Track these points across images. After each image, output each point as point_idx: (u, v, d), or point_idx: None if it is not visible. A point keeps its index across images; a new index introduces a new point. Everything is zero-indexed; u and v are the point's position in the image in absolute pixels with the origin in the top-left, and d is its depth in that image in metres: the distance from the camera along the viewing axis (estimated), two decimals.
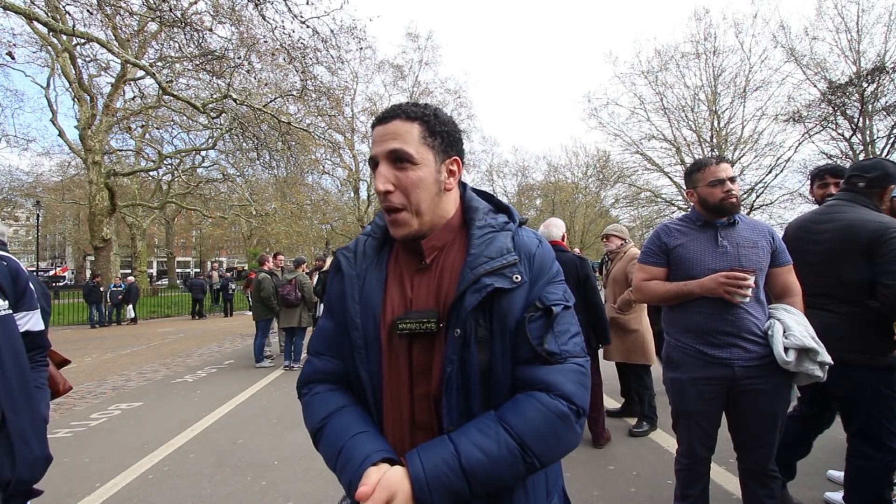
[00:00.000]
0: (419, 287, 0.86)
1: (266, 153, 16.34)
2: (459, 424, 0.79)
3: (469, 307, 0.78)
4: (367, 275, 0.89)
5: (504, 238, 0.85)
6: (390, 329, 0.84)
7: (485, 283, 0.79)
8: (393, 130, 0.84)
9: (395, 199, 0.83)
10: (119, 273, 18.53)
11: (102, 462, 3.60)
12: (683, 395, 2.00)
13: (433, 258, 0.87)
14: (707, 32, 21.83)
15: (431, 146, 0.85)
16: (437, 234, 0.88)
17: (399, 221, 0.84)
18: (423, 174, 0.84)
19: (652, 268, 2.09)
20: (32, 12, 10.16)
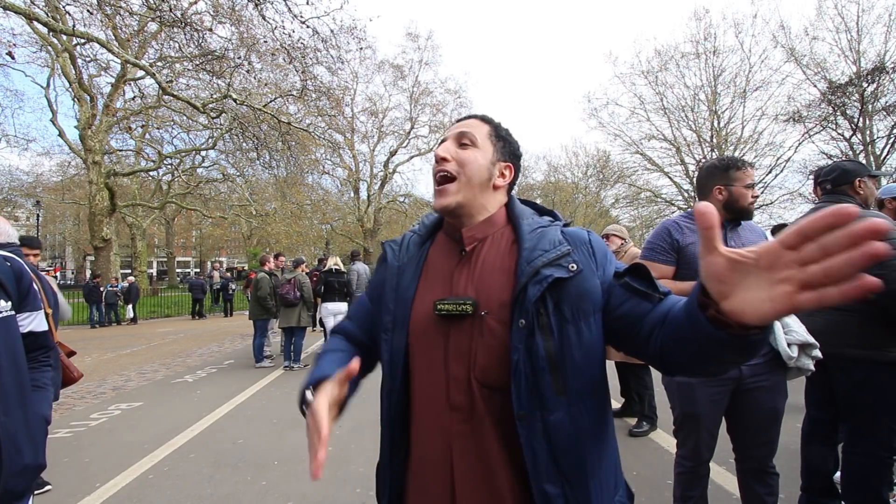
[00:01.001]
0: (459, 276, 0.91)
1: (266, 153, 16.34)
2: (529, 409, 0.80)
3: (533, 298, 0.81)
4: (406, 268, 0.97)
5: (554, 232, 0.89)
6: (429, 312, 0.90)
7: (545, 274, 0.83)
8: (468, 123, 0.97)
9: (449, 166, 0.92)
10: (119, 273, 18.54)
11: (102, 462, 3.59)
12: (692, 399, 1.96)
13: (472, 248, 0.94)
14: (707, 32, 21.85)
15: (494, 144, 0.97)
16: (478, 225, 0.94)
17: (446, 191, 0.91)
18: (480, 157, 0.93)
19: (660, 266, 2.02)
20: (32, 12, 10.16)
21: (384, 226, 30.73)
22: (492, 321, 0.85)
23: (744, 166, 1.98)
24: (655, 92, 23.30)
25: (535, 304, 0.81)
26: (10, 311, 1.34)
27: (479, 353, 0.84)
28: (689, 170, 22.81)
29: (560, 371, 0.81)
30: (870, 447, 2.08)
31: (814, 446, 2.42)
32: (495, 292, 0.86)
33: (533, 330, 0.81)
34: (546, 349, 0.81)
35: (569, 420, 0.81)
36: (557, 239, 0.87)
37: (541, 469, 0.79)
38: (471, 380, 0.84)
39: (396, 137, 29.29)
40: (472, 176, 0.92)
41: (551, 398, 0.80)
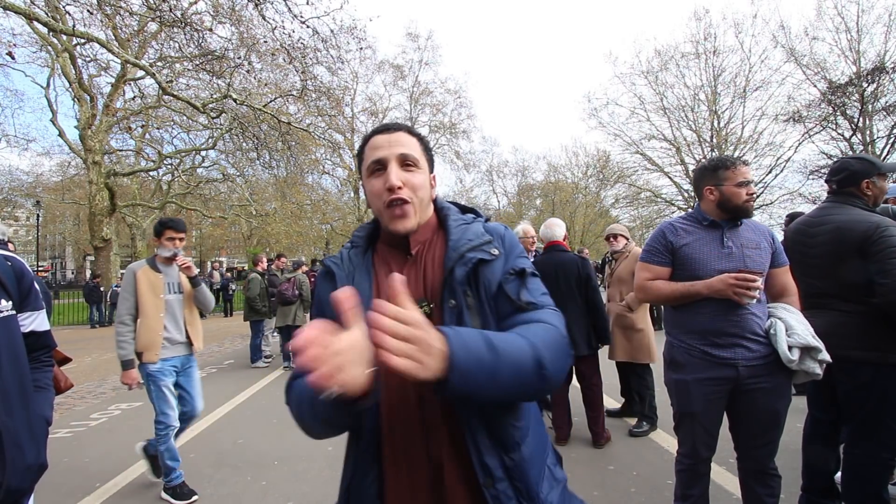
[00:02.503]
0: (408, 279, 0.93)
1: (266, 153, 16.33)
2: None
3: (460, 278, 0.89)
4: (356, 275, 0.98)
5: (477, 226, 0.99)
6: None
7: (469, 257, 0.91)
8: (400, 139, 0.98)
9: (404, 194, 0.94)
10: (119, 273, 18.52)
11: (102, 462, 3.60)
12: (688, 397, 1.99)
13: (417, 251, 0.99)
14: (707, 32, 21.83)
15: (426, 159, 1.02)
16: (420, 230, 1.00)
17: (407, 213, 0.95)
18: (423, 179, 0.99)
19: (656, 267, 2.06)
20: (32, 12, 10.16)
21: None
22: (435, 315, 0.90)
23: (733, 165, 1.98)
24: (655, 92, 23.31)
25: (462, 286, 0.89)
26: (12, 310, 1.34)
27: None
28: (689, 170, 22.80)
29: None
30: (871, 449, 2.07)
31: (815, 447, 2.42)
32: (436, 287, 0.93)
33: (462, 311, 0.88)
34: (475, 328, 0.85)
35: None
36: (480, 231, 0.97)
37: (480, 443, 0.84)
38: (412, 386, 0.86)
39: None
40: (423, 198, 0.98)
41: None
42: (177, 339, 3.13)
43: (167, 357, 3.08)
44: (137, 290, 3.03)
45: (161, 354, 3.03)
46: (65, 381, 2.04)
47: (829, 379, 2.20)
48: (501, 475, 0.85)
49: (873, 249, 1.95)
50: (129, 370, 2.99)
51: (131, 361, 2.99)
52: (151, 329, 3.02)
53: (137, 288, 3.03)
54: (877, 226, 1.97)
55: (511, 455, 0.86)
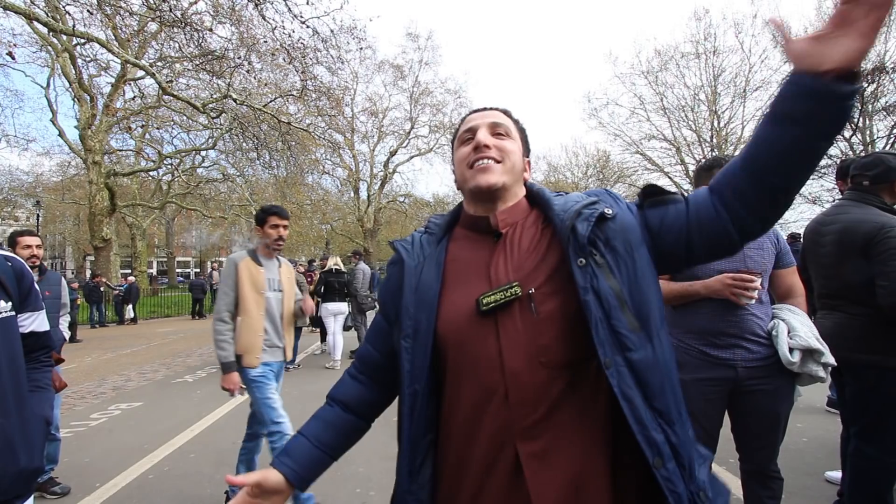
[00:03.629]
0: (496, 265, 0.87)
1: (266, 153, 16.34)
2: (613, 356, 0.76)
3: (584, 232, 0.80)
4: (425, 267, 0.91)
5: (576, 194, 0.92)
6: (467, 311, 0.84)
7: (587, 212, 0.83)
8: (493, 114, 0.96)
9: (492, 153, 0.91)
10: (119, 273, 18.53)
11: (102, 462, 3.60)
12: (686, 396, 1.97)
13: (507, 232, 0.91)
14: (707, 32, 21.85)
15: (520, 138, 0.98)
16: (510, 209, 0.93)
17: (491, 168, 0.90)
18: (516, 148, 0.95)
19: None
20: (32, 12, 10.16)
21: (384, 226, 30.73)
22: (543, 295, 0.81)
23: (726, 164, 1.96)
24: (655, 92, 23.33)
25: (588, 242, 0.80)
26: (11, 311, 1.33)
27: (540, 334, 0.79)
28: (689, 170, 22.80)
29: (630, 306, 0.79)
30: (875, 452, 2.05)
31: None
32: (538, 267, 0.84)
33: (593, 270, 0.79)
34: (611, 287, 0.78)
35: (652, 355, 0.78)
36: (581, 196, 0.90)
37: (641, 416, 0.74)
38: (534, 368, 0.78)
39: (396, 137, 29.30)
40: (515, 164, 0.93)
41: (630, 336, 0.77)
42: (275, 343, 2.81)
43: (268, 361, 2.76)
44: (239, 283, 2.69)
45: (261, 358, 2.72)
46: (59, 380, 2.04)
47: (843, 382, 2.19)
48: (669, 453, 0.75)
49: (875, 251, 1.93)
50: (229, 373, 2.66)
51: (233, 364, 2.66)
52: (252, 329, 2.70)
53: (239, 281, 2.70)
54: (881, 226, 1.95)
55: (674, 428, 0.77)
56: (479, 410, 0.81)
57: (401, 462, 0.87)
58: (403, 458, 0.86)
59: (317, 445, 0.94)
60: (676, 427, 0.78)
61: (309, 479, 0.93)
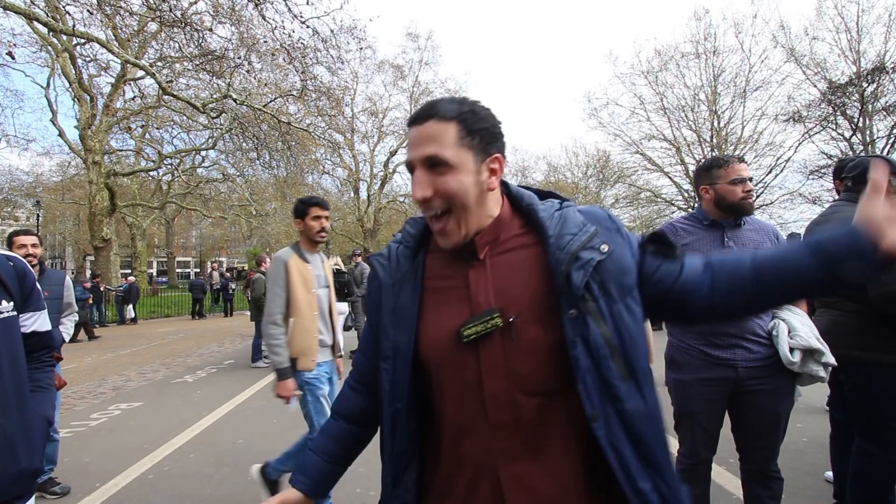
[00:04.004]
0: (476, 287, 0.82)
1: (266, 153, 16.33)
2: (601, 407, 0.74)
3: (580, 284, 0.75)
4: (402, 286, 0.87)
5: (573, 213, 0.83)
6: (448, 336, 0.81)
7: (585, 258, 0.77)
8: (429, 133, 0.80)
9: (435, 204, 0.80)
10: (119, 273, 18.53)
11: (102, 462, 3.60)
12: (686, 396, 1.99)
13: (485, 254, 0.84)
14: (707, 32, 21.81)
15: (470, 147, 0.81)
16: (488, 230, 0.84)
17: (446, 230, 0.82)
18: (462, 179, 0.80)
19: None
20: (32, 12, 10.16)
21: (384, 226, 30.72)
22: (523, 324, 0.78)
23: (727, 163, 1.97)
24: (655, 92, 23.28)
25: (581, 290, 0.75)
26: (12, 311, 1.33)
27: (518, 363, 0.78)
28: (689, 170, 22.79)
29: (622, 354, 0.76)
30: (874, 449, 2.05)
31: (841, 451, 2.39)
32: (521, 292, 0.79)
33: (584, 319, 0.75)
34: (602, 335, 0.75)
35: (643, 405, 0.76)
36: (580, 220, 0.81)
37: (630, 468, 0.73)
38: (513, 393, 0.77)
39: (396, 137, 29.27)
40: (465, 202, 0.80)
41: (621, 386, 0.75)
42: (326, 342, 2.71)
43: (321, 362, 2.66)
44: (290, 283, 2.56)
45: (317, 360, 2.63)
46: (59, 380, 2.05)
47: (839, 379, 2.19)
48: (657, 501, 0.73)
49: None
50: (285, 380, 2.54)
51: (288, 370, 2.54)
52: (307, 330, 2.59)
53: (290, 281, 2.56)
54: None
55: (664, 477, 0.75)
56: (461, 431, 0.81)
57: (385, 475, 0.89)
58: (387, 472, 0.88)
59: (326, 459, 0.99)
60: (666, 474, 0.76)
61: (324, 490, 1.00)
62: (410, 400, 0.84)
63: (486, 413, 0.78)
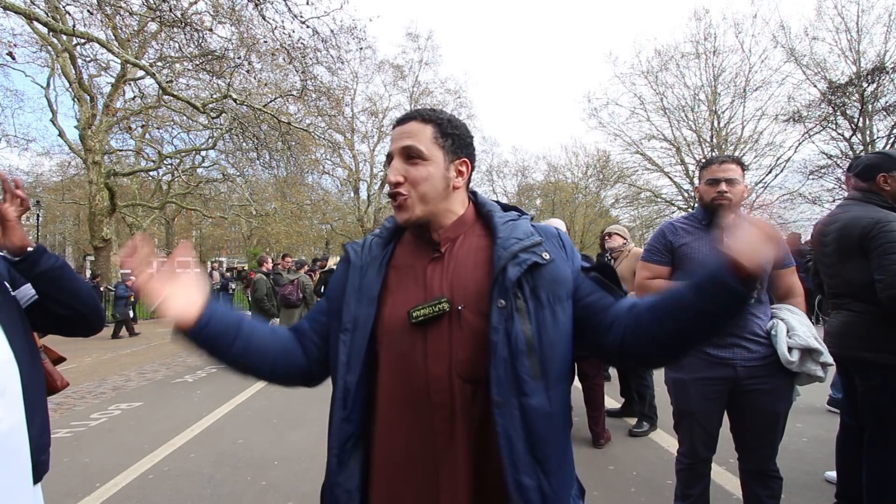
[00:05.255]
0: (432, 275, 0.92)
1: (266, 153, 16.33)
2: (507, 396, 0.81)
3: (513, 278, 0.84)
4: (369, 268, 0.97)
5: (525, 224, 0.95)
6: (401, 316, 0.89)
7: (523, 257, 0.87)
8: (409, 130, 0.94)
9: (402, 189, 0.92)
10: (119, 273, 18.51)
11: (102, 462, 3.59)
12: (686, 395, 1.99)
13: (446, 249, 0.95)
14: (707, 32, 21.81)
15: (442, 146, 0.94)
16: (451, 226, 0.96)
17: (404, 206, 0.92)
18: (432, 170, 0.93)
19: (656, 266, 2.08)
20: (32, 12, 10.16)
21: None
22: (469, 314, 0.86)
23: (709, 164, 1.99)
24: (655, 92, 23.28)
25: (514, 287, 0.84)
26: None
27: (459, 348, 0.85)
28: (689, 170, 22.79)
29: (537, 355, 0.83)
30: (886, 453, 2.02)
31: (846, 453, 2.35)
32: (471, 285, 0.89)
33: (511, 313, 0.83)
34: (524, 332, 0.83)
35: (547, 405, 0.83)
36: (529, 230, 0.93)
37: (518, 459, 0.79)
38: (452, 377, 0.85)
39: None
40: (426, 192, 0.92)
41: (529, 382, 0.82)
42: None
43: None
44: None
45: None
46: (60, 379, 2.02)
47: (852, 382, 2.17)
48: (538, 500, 0.79)
49: (872, 245, 1.92)
50: None
51: None
52: None
53: None
54: (876, 221, 1.94)
55: (550, 479, 0.81)
56: (407, 408, 0.87)
57: (330, 452, 0.90)
58: (333, 448, 0.90)
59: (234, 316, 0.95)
60: (553, 479, 0.82)
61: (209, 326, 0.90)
62: (362, 374, 0.89)
63: (430, 394, 0.85)
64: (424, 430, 0.85)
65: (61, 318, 1.32)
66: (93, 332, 1.44)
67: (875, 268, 1.91)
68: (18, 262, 1.22)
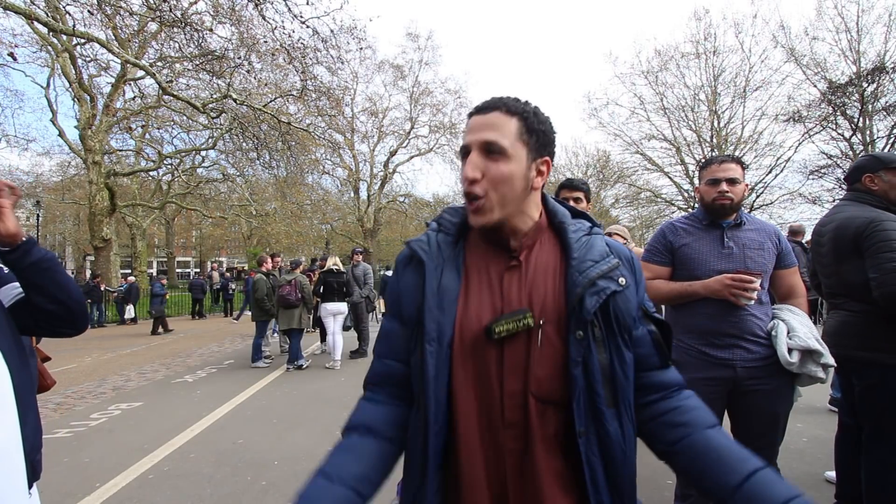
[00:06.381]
0: (510, 285, 0.85)
1: (266, 153, 16.33)
2: (589, 427, 0.80)
3: (592, 309, 0.80)
4: (445, 269, 0.87)
5: (600, 242, 0.88)
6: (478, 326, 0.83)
7: (601, 286, 0.82)
8: (491, 122, 0.84)
9: (478, 188, 0.83)
10: (119, 274, 18.52)
11: (102, 462, 3.59)
12: None
13: (523, 256, 0.88)
14: (707, 32, 21.81)
15: (526, 143, 0.85)
16: (529, 233, 0.88)
17: (481, 209, 0.83)
18: (514, 169, 0.83)
19: (656, 266, 2.07)
20: (32, 12, 10.16)
21: (384, 226, 30.73)
22: (549, 330, 0.82)
23: (709, 164, 1.99)
24: (655, 92, 23.28)
25: (591, 316, 0.80)
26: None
27: (537, 366, 0.81)
28: (689, 170, 22.80)
29: (612, 384, 0.82)
30: (884, 453, 2.01)
31: (844, 452, 2.35)
32: (551, 299, 0.83)
33: (589, 344, 0.80)
34: (601, 362, 0.81)
35: (620, 432, 0.82)
36: (605, 250, 0.86)
37: (599, 484, 0.79)
38: (527, 394, 0.80)
39: (396, 137, 29.29)
40: (506, 194, 0.83)
41: (605, 411, 0.81)
42: None
43: None
44: None
45: None
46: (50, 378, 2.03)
47: (850, 381, 2.17)
48: None
49: (866, 244, 1.93)
50: None
51: None
52: None
53: None
54: (870, 221, 1.95)
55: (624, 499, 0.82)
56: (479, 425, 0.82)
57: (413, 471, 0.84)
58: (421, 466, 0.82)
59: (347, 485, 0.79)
60: (627, 499, 0.82)
61: None
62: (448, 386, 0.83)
63: (503, 411, 0.81)
64: (496, 449, 0.81)
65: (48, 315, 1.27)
66: (77, 331, 1.37)
67: (869, 266, 1.91)
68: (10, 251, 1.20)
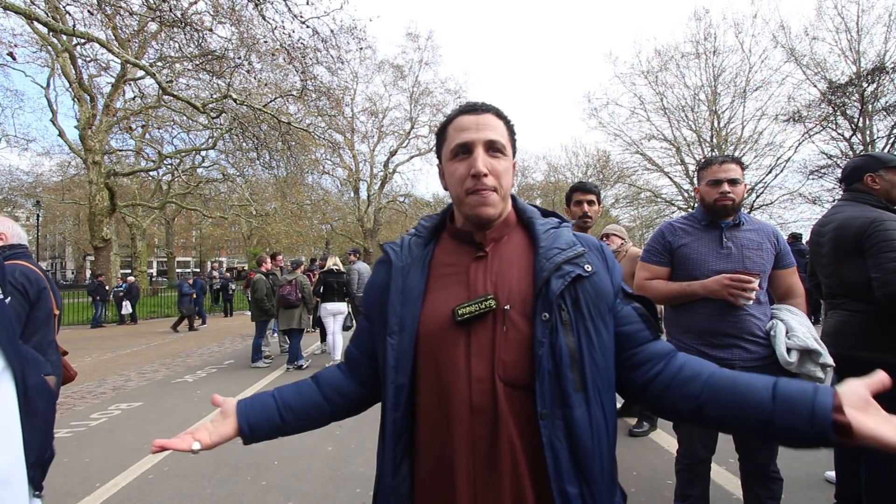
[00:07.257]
0: (476, 274, 0.91)
1: (266, 153, 16.34)
2: (552, 408, 0.81)
3: (557, 291, 0.84)
4: (411, 269, 0.95)
5: (567, 233, 0.93)
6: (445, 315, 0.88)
7: (567, 269, 0.86)
8: (489, 122, 0.92)
9: (489, 181, 0.89)
10: (119, 274, 18.53)
11: (102, 462, 3.60)
12: None
13: (490, 248, 0.94)
14: (707, 32, 21.82)
15: (511, 145, 0.96)
16: (497, 227, 0.95)
17: (492, 201, 0.90)
18: (509, 166, 0.94)
19: (655, 266, 2.08)
20: (32, 12, 10.16)
21: (384, 226, 30.73)
22: (515, 315, 0.85)
23: (709, 164, 1.99)
24: (655, 92, 23.29)
25: (557, 299, 0.83)
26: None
27: (504, 350, 0.84)
28: (689, 170, 22.79)
29: (580, 367, 0.83)
30: (884, 453, 2.02)
31: (845, 453, 2.35)
32: (516, 287, 0.87)
33: (556, 325, 0.83)
34: (568, 345, 0.82)
35: (588, 417, 0.83)
36: (571, 240, 0.91)
37: (562, 469, 0.80)
38: (494, 379, 0.83)
39: (396, 137, 29.31)
40: (506, 188, 0.93)
41: (573, 395, 0.82)
42: None
43: None
44: None
45: None
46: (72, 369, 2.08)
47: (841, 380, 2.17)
48: None
49: (868, 244, 1.93)
50: None
51: None
52: None
53: None
54: (872, 220, 1.95)
55: (592, 487, 0.82)
56: (446, 412, 0.85)
57: (384, 457, 0.90)
58: (388, 453, 0.89)
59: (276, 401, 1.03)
60: (596, 486, 0.82)
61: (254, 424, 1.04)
62: (411, 376, 0.88)
63: (472, 396, 0.83)
64: (465, 436, 0.83)
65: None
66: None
67: (871, 266, 1.92)
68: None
